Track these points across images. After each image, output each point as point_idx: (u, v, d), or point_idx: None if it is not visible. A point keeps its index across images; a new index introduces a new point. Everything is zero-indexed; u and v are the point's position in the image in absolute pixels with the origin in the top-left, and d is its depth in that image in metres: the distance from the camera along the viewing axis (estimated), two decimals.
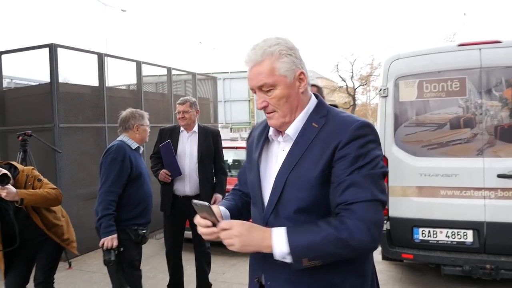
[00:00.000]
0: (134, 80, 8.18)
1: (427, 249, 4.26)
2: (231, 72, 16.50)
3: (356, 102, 37.34)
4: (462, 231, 4.14)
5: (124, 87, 11.03)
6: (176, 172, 4.18)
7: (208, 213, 1.44)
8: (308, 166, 1.49)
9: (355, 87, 36.57)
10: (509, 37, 4.27)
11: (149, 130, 3.65)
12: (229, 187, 5.68)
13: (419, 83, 4.35)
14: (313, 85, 3.97)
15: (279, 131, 1.62)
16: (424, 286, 4.60)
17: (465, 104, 4.21)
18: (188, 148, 4.26)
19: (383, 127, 4.48)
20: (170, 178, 4.15)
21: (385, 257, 5.22)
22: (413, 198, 4.29)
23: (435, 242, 4.23)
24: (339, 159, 1.45)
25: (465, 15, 47.50)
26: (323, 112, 1.58)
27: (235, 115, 16.67)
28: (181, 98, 4.36)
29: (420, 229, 4.26)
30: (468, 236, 4.13)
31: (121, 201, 3.30)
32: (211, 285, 4.40)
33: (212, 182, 4.39)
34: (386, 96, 4.48)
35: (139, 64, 7.85)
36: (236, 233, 1.40)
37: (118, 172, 3.27)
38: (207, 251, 4.35)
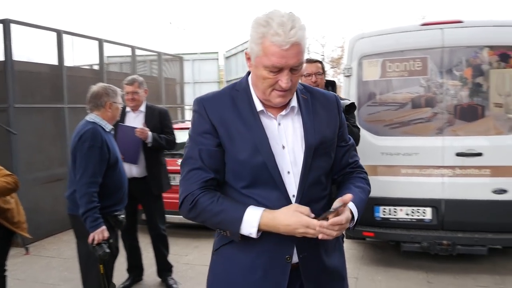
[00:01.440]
0: (97, 60, 7.91)
1: (388, 227, 4.32)
2: (200, 53, 16.23)
3: None
4: (422, 208, 4.22)
5: (87, 67, 10.70)
6: (132, 158, 4.02)
7: (334, 211, 1.43)
8: (324, 131, 1.61)
9: (326, 70, 36.78)
10: (472, 17, 4.31)
11: (121, 108, 3.42)
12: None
13: (383, 62, 4.35)
14: (317, 61, 3.86)
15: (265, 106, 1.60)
16: (384, 263, 4.67)
17: (426, 83, 4.23)
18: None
19: None
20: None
21: (348, 236, 5.28)
22: (375, 177, 4.31)
23: (396, 220, 4.29)
24: (342, 125, 1.70)
25: None
26: (300, 86, 1.69)
27: None
28: (128, 78, 4.15)
29: (381, 208, 4.31)
30: (427, 214, 4.21)
31: (101, 190, 3.07)
32: (172, 266, 4.34)
33: (162, 163, 4.30)
34: (349, 76, 4.46)
35: (101, 43, 7.58)
36: (349, 215, 1.49)
37: (97, 160, 3.03)
38: (163, 233, 4.26)
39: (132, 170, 4.06)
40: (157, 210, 4.25)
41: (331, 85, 4.01)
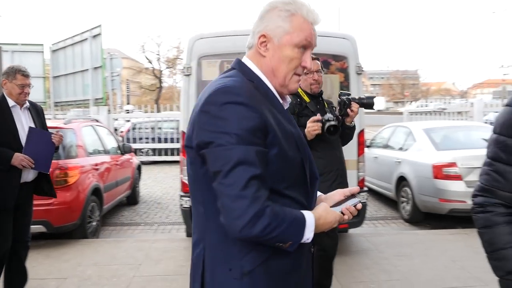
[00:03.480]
0: None
1: None
2: (22, 44, 14.51)
3: (162, 85, 37.31)
4: None
5: None
6: (45, 166, 3.57)
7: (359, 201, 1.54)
8: None
9: (162, 70, 36.48)
10: None
11: None
12: None
13: (221, 63, 4.50)
14: (316, 58, 3.54)
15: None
16: None
17: None
18: (26, 126, 3.53)
19: (187, 105, 4.50)
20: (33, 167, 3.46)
21: (189, 234, 5.34)
22: None
23: None
24: None
25: None
26: None
27: None
28: (22, 68, 3.57)
29: None
30: None
31: None
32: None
33: None
34: (189, 75, 4.51)
35: None
36: None
37: None
38: (29, 244, 3.73)
39: (29, 174, 3.55)
40: (31, 218, 3.71)
41: None
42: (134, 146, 12.33)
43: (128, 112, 21.74)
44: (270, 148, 1.33)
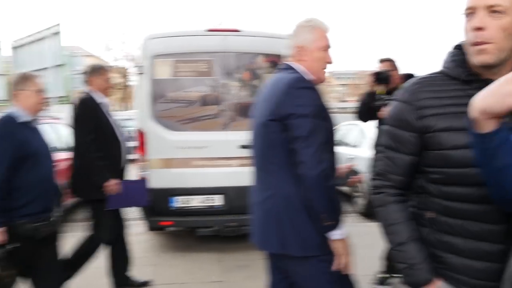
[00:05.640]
0: None
1: (184, 215, 4.66)
2: None
3: (129, 83, 36.87)
4: (212, 196, 4.67)
5: None
6: (116, 205, 3.72)
7: None
8: None
9: (127, 68, 36.02)
10: (251, 28, 4.93)
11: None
12: None
13: (174, 62, 4.66)
14: (387, 59, 3.75)
15: None
16: (182, 249, 5.04)
17: (212, 83, 4.71)
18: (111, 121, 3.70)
19: (141, 103, 4.65)
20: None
21: (152, 228, 5.49)
22: (170, 170, 4.61)
23: (190, 208, 4.66)
24: None
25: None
26: None
27: None
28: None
29: (175, 198, 4.62)
30: (218, 200, 4.69)
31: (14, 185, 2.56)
32: None
33: None
34: (143, 73, 4.65)
35: None
36: None
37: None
38: None
39: None
40: None
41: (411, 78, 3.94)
42: None
43: None
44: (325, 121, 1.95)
